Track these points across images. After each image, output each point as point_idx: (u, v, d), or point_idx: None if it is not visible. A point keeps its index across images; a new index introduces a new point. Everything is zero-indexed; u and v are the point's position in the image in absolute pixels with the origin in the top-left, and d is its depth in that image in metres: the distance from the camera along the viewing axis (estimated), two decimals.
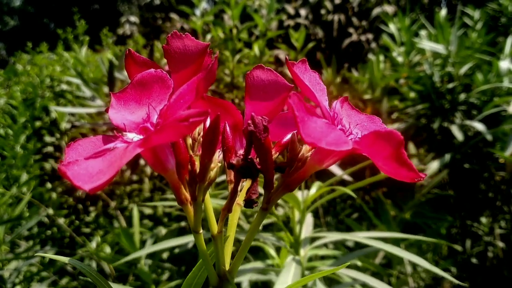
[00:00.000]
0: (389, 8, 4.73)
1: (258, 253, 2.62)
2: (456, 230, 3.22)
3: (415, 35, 3.64)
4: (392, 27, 3.62)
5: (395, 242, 2.30)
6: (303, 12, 4.87)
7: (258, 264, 1.92)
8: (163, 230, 2.78)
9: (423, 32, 3.64)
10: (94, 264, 2.46)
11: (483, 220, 3.18)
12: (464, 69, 3.01)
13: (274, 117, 0.67)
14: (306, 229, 1.73)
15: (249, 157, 0.56)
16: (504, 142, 2.49)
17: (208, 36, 3.79)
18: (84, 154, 0.52)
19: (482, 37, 3.36)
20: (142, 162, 3.13)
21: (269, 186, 0.56)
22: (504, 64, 2.78)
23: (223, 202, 1.67)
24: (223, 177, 2.28)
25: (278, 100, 0.66)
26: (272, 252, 2.12)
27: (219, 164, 0.56)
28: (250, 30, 4.65)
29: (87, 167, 0.46)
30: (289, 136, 0.65)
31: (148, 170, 3.36)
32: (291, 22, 4.71)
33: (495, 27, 4.05)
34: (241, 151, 0.60)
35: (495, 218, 3.08)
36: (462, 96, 3.06)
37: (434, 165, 2.74)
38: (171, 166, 0.52)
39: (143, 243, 2.41)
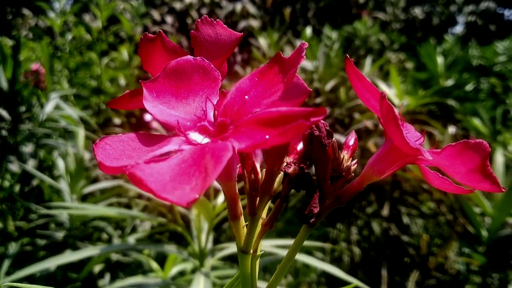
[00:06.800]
0: (255, 23, 4.85)
1: (124, 268, 2.46)
2: (316, 236, 3.40)
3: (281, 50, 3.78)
4: (262, 41, 3.71)
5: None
6: (169, 19, 4.75)
7: (139, 279, 1.80)
8: (14, 244, 2.49)
9: (288, 49, 3.81)
10: None
11: (341, 227, 3.40)
12: (329, 86, 3.20)
13: None
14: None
15: (301, 165, 0.49)
16: None
17: (69, 36, 3.52)
18: (116, 155, 0.40)
19: (339, 56, 3.62)
20: None
21: (325, 199, 0.50)
22: None
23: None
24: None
25: (296, 104, 0.60)
26: (154, 264, 1.99)
27: (281, 174, 0.48)
28: (117, 33, 4.48)
29: (153, 174, 0.35)
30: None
31: None
32: (156, 29, 4.56)
33: (349, 47, 4.43)
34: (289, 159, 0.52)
35: (351, 225, 3.31)
36: (328, 111, 3.25)
37: None
38: (235, 175, 0.43)
39: None
